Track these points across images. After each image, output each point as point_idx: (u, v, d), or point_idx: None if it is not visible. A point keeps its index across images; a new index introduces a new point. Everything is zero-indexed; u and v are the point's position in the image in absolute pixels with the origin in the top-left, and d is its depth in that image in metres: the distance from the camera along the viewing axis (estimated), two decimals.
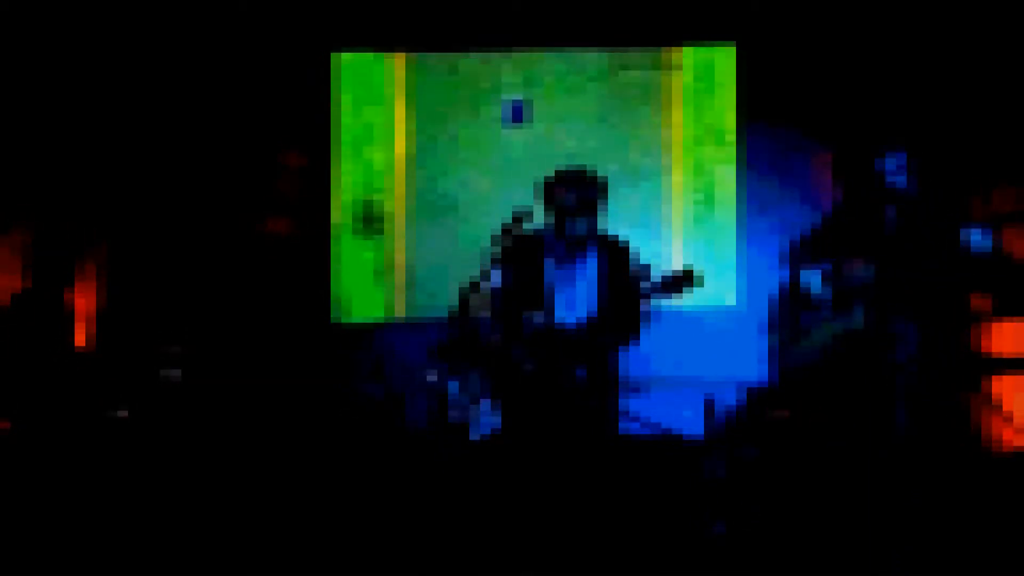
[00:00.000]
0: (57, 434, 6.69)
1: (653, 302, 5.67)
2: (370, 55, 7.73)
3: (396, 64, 7.75)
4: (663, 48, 7.74)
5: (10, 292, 7.22)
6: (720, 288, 7.62)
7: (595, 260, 5.72)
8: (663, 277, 5.59)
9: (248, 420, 7.01)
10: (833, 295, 5.75)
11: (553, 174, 5.76)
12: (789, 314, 5.89)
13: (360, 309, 7.72)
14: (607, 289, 5.68)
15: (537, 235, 5.77)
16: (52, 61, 7.33)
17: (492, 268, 5.76)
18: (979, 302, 7.22)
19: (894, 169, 5.75)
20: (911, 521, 5.57)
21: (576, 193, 5.67)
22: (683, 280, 5.58)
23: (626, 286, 5.66)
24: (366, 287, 7.75)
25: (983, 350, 7.19)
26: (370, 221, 7.10)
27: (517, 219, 5.73)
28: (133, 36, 7.42)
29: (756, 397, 6.66)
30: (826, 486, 5.84)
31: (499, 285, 5.74)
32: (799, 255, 5.90)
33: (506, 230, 5.74)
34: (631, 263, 5.75)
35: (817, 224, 6.02)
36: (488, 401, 5.74)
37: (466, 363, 5.84)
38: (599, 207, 5.73)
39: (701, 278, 5.56)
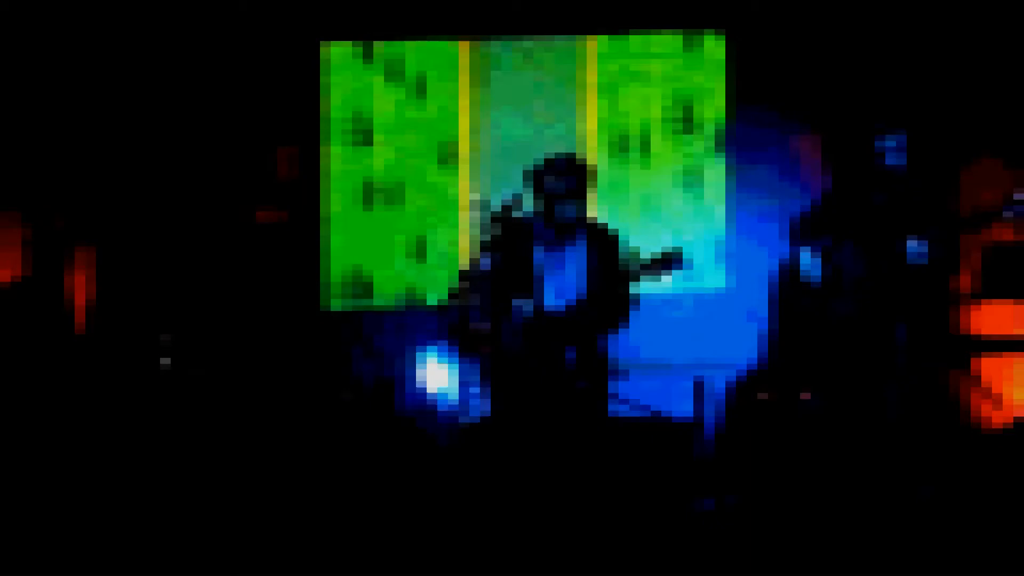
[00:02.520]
0: (51, 420, 6.70)
1: (641, 284, 5.73)
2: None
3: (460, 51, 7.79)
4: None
5: (4, 280, 7.23)
6: (709, 271, 7.68)
7: (584, 246, 5.74)
8: (649, 257, 5.63)
9: (239, 406, 7.03)
10: (828, 278, 5.78)
11: (542, 161, 5.80)
12: (787, 296, 5.93)
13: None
14: (596, 275, 5.71)
15: (527, 221, 5.79)
16: (45, 53, 7.32)
17: (483, 255, 5.79)
18: (966, 284, 7.26)
19: (893, 148, 5.78)
20: (900, 501, 5.61)
21: (565, 180, 5.71)
22: (668, 260, 5.62)
23: (614, 272, 5.69)
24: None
25: (969, 331, 7.24)
26: None
27: (508, 206, 5.76)
28: (126, 26, 7.41)
29: (748, 379, 6.70)
30: (816, 465, 5.88)
31: (489, 271, 5.77)
32: (797, 235, 5.94)
33: (497, 217, 5.76)
34: (620, 249, 5.79)
35: (813, 205, 6.05)
36: (478, 386, 5.77)
37: (458, 349, 5.87)
38: (588, 194, 5.77)
39: (685, 258, 5.61)
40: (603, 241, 5.77)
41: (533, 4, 7.62)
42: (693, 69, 7.75)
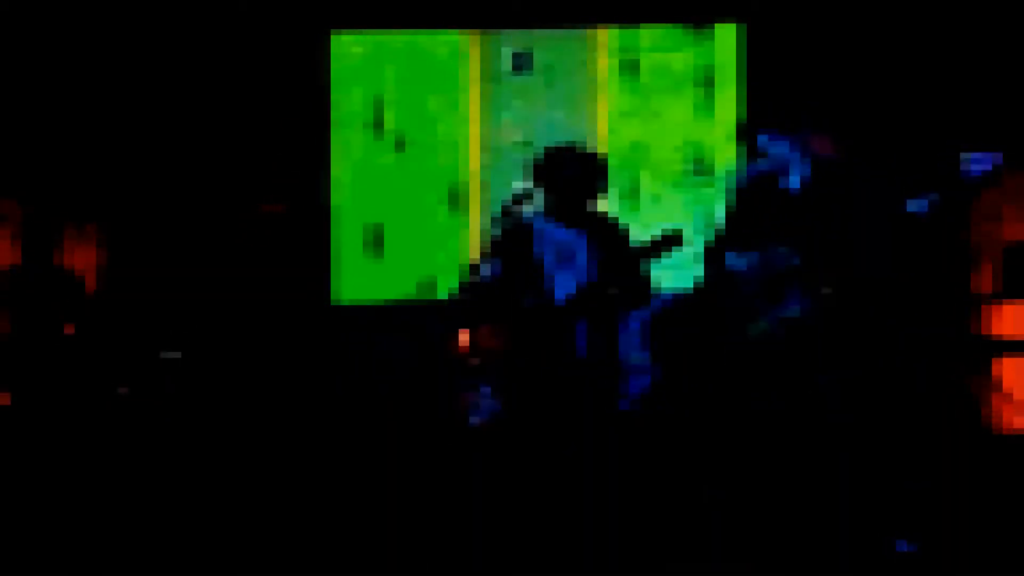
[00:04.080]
0: (58, 413, 6.69)
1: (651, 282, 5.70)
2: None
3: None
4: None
5: (7, 271, 7.21)
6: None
7: (592, 239, 5.70)
8: (650, 238, 5.60)
9: (248, 401, 7.02)
10: (763, 283, 5.71)
11: (547, 152, 5.76)
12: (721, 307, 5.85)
13: None
14: (604, 267, 5.67)
15: (536, 216, 5.75)
16: (49, 45, 7.32)
17: (491, 250, 5.76)
18: (985, 284, 7.22)
19: (765, 143, 5.69)
20: (914, 503, 5.56)
21: (572, 170, 5.67)
22: (667, 241, 5.58)
23: (623, 263, 5.65)
24: None
25: (987, 332, 7.19)
26: None
27: (517, 200, 5.71)
28: (132, 21, 7.41)
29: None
30: (825, 467, 5.83)
31: (498, 267, 5.73)
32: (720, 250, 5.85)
33: (505, 211, 5.71)
34: (627, 241, 5.75)
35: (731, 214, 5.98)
36: (487, 385, 5.73)
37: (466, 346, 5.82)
38: (597, 184, 5.72)
39: (682, 239, 5.58)
40: (610, 233, 5.72)
41: None
42: (708, 61, 7.70)
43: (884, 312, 5.66)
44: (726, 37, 7.65)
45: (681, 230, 5.59)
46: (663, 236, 5.59)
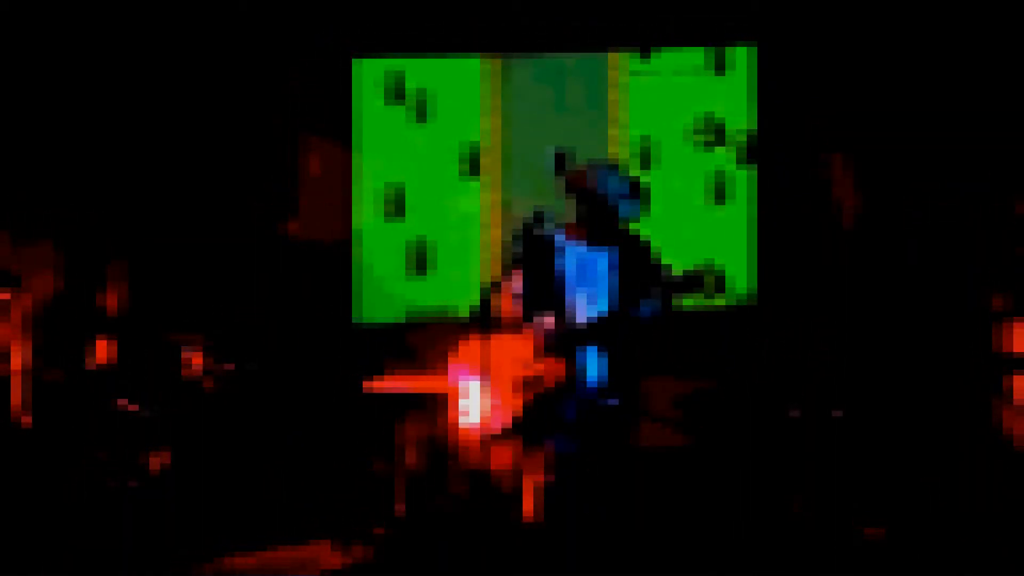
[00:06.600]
0: (83, 432, 6.74)
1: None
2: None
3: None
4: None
5: (41, 296, 7.28)
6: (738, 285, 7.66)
7: (616, 257, 5.73)
8: (671, 279, 5.63)
9: (271, 421, 7.05)
10: None
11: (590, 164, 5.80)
12: None
13: None
14: (628, 286, 5.69)
15: (552, 235, 5.78)
16: (72, 65, 7.38)
17: (512, 269, 5.79)
18: (998, 302, 7.22)
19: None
20: (931, 516, 5.59)
21: (607, 186, 5.70)
22: (686, 283, 5.61)
23: (646, 282, 5.68)
24: None
25: (1002, 349, 7.20)
26: None
27: (537, 219, 5.76)
28: (157, 45, 7.47)
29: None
30: (845, 480, 5.85)
31: (519, 286, 5.76)
32: None
33: (526, 231, 5.75)
34: (651, 260, 5.77)
35: None
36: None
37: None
38: (629, 203, 5.75)
39: (704, 281, 5.60)
40: (636, 250, 5.76)
41: (561, 21, 7.64)
42: (721, 83, 7.76)
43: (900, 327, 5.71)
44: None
45: (701, 273, 5.63)
46: (682, 278, 5.64)
